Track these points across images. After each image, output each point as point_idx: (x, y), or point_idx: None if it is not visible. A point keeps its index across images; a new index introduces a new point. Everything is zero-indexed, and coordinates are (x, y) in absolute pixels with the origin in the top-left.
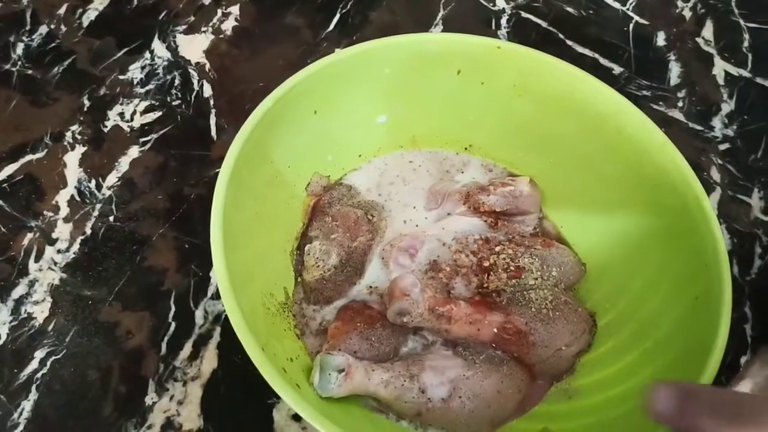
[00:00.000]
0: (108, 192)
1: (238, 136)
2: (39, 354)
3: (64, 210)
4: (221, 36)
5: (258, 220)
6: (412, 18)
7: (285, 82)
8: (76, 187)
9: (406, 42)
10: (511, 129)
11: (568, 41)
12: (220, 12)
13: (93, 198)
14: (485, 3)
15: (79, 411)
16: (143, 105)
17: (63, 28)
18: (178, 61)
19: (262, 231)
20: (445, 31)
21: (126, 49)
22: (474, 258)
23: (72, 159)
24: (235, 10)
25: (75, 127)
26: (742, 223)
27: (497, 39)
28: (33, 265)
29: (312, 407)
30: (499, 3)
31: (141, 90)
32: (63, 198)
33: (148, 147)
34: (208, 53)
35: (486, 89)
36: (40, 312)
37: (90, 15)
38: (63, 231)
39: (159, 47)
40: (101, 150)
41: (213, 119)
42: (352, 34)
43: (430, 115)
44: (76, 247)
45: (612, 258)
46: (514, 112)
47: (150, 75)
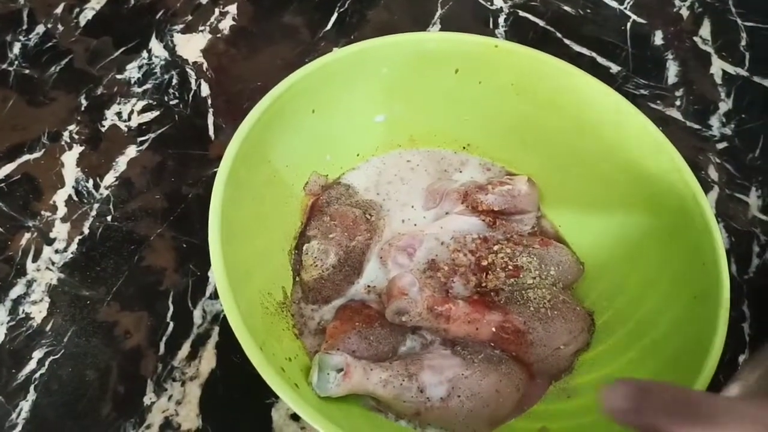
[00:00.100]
0: (106, 192)
1: (236, 135)
2: (37, 354)
3: (61, 210)
4: (219, 35)
5: (256, 219)
6: (409, 17)
7: (283, 81)
8: (73, 187)
9: (403, 41)
10: (509, 128)
11: (565, 40)
12: (217, 11)
13: (91, 198)
14: (483, 2)
15: (78, 411)
16: (141, 104)
17: (60, 27)
18: (175, 61)
19: (260, 230)
20: (443, 30)
21: (123, 49)
22: (472, 257)
23: (69, 159)
24: (233, 9)
25: (72, 127)
26: (740, 222)
27: (495, 38)
28: (31, 265)
29: (310, 407)
30: (497, 2)
31: (138, 89)
32: (60, 198)
33: (145, 146)
34: (205, 52)
35: (484, 88)
36: (38, 312)
37: (87, 14)
38: (61, 231)
39: (156, 46)
40: (99, 150)
41: (211, 119)
42: (349, 33)
43: (428, 115)
44: (73, 247)
45: (610, 257)
46: (512, 111)
47: (147, 74)
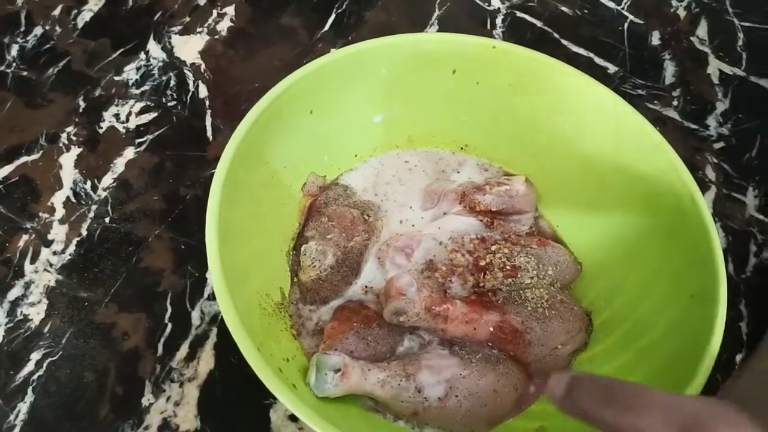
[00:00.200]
0: (103, 193)
1: (233, 136)
2: (35, 356)
3: (59, 211)
4: (216, 37)
5: (254, 220)
6: (407, 18)
7: (281, 82)
8: (71, 189)
9: (401, 42)
10: (507, 128)
11: (563, 41)
12: (215, 12)
13: (88, 199)
14: (480, 3)
15: (76, 412)
16: (138, 106)
17: (58, 29)
18: (173, 62)
19: (257, 231)
20: (441, 31)
21: (121, 50)
22: (470, 257)
23: (67, 160)
24: (231, 10)
25: (70, 129)
26: (737, 221)
27: (493, 39)
28: (29, 267)
29: (308, 407)
30: (495, 3)
31: (136, 91)
32: (58, 199)
33: (143, 148)
34: (203, 54)
35: (481, 89)
36: (36, 314)
37: (85, 16)
38: (58, 232)
39: (154, 48)
40: (96, 151)
41: (209, 120)
42: (347, 34)
43: (426, 115)
44: (71, 249)
45: (608, 257)
46: (509, 111)
47: (145, 76)
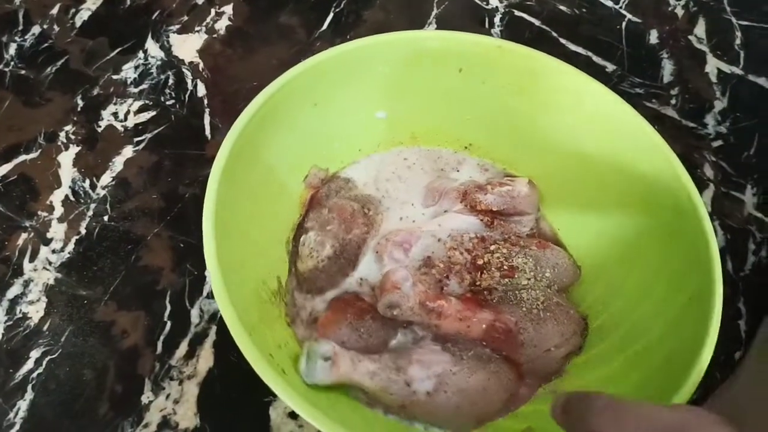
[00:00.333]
0: (102, 192)
1: (235, 124)
2: (34, 354)
3: (58, 210)
4: (215, 35)
5: (253, 209)
6: (405, 17)
7: (287, 72)
8: (70, 187)
9: (407, 38)
10: (510, 129)
11: (561, 39)
12: (213, 11)
13: (87, 198)
14: (479, 1)
15: (75, 410)
16: (137, 105)
17: (56, 28)
18: (171, 61)
19: (257, 220)
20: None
21: (119, 49)
22: (468, 256)
23: (66, 159)
24: (229, 9)
25: (69, 127)
26: (735, 220)
27: (499, 39)
28: (28, 265)
29: (295, 392)
30: (493, 1)
31: (134, 90)
32: (57, 198)
33: (142, 147)
34: (201, 53)
35: (487, 88)
36: (35, 312)
37: (83, 15)
38: (57, 231)
39: (152, 47)
40: (95, 150)
41: (207, 119)
42: (345, 33)
43: (430, 113)
44: (70, 247)
45: (608, 259)
46: (513, 112)
47: (143, 75)
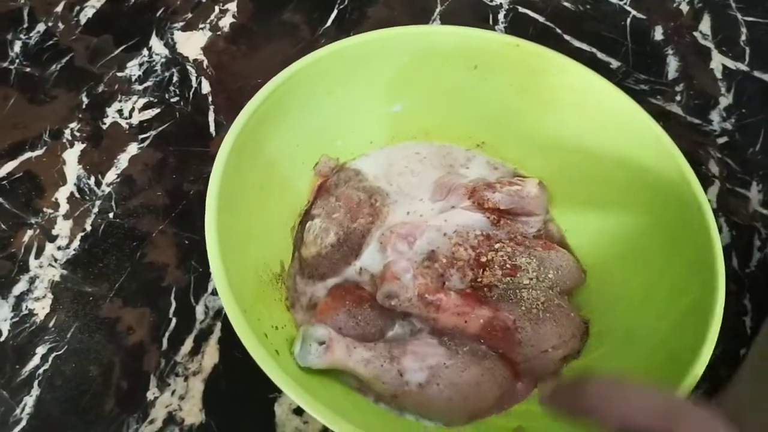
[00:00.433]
0: (107, 189)
1: (245, 108)
2: (40, 350)
3: (63, 207)
4: (219, 33)
5: (260, 192)
6: (409, 13)
7: (302, 58)
8: (75, 184)
9: (423, 33)
10: (523, 129)
11: (565, 36)
12: (217, 9)
13: (92, 195)
14: None
15: (81, 406)
16: (141, 102)
17: (61, 25)
18: (176, 58)
19: (263, 204)
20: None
21: (124, 47)
22: (472, 252)
23: (71, 156)
24: (233, 6)
25: (74, 125)
26: (741, 216)
27: (517, 37)
28: (33, 262)
29: (284, 372)
30: None
31: (139, 87)
32: (62, 195)
33: (146, 144)
34: (205, 50)
35: (500, 86)
36: (41, 308)
37: (87, 12)
38: (63, 228)
39: (157, 44)
40: (100, 147)
41: (211, 116)
42: (349, 30)
43: (444, 109)
44: (76, 244)
45: (612, 261)
46: (526, 111)
47: (148, 72)
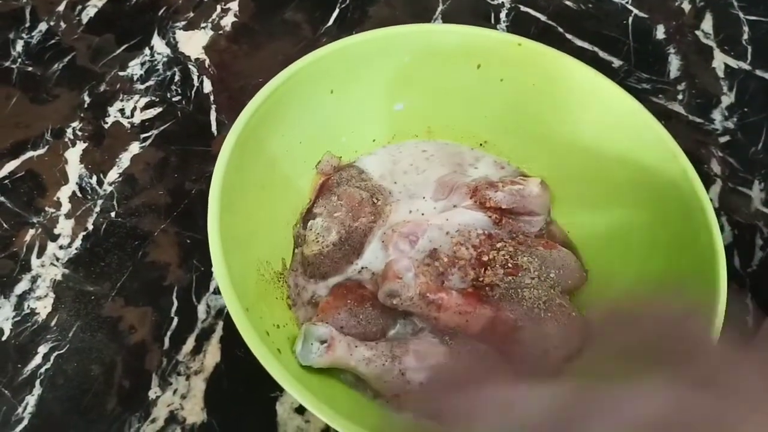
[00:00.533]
0: (109, 188)
1: (247, 107)
2: (42, 349)
3: (65, 206)
4: (220, 32)
5: (262, 190)
6: (411, 13)
7: (303, 58)
8: (77, 183)
9: (427, 31)
10: (527, 128)
11: (567, 35)
12: (219, 8)
13: (94, 194)
14: None
15: (83, 405)
16: (143, 101)
17: (62, 24)
18: (177, 57)
19: (265, 202)
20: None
21: (126, 46)
22: (474, 252)
23: (73, 155)
24: (234, 5)
25: (75, 124)
26: (743, 215)
27: (519, 36)
28: (35, 261)
29: (285, 369)
30: None
31: (141, 86)
32: (64, 194)
33: (148, 143)
34: (207, 49)
35: (505, 86)
36: (42, 307)
37: (89, 12)
38: (65, 227)
39: (158, 43)
40: (102, 146)
41: (213, 115)
42: (351, 28)
43: (447, 107)
44: (78, 243)
45: (616, 264)
46: (531, 111)
47: (150, 71)
